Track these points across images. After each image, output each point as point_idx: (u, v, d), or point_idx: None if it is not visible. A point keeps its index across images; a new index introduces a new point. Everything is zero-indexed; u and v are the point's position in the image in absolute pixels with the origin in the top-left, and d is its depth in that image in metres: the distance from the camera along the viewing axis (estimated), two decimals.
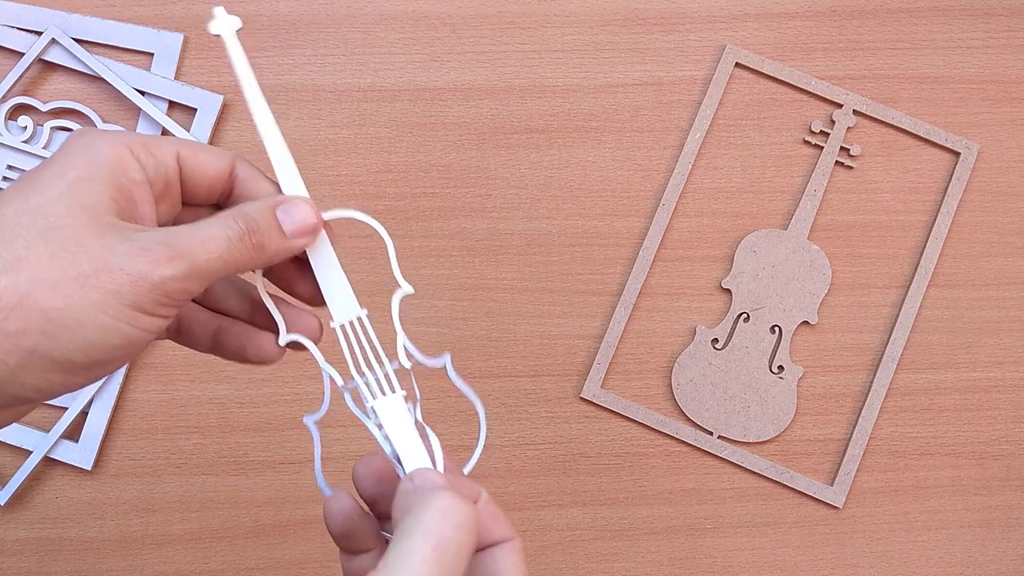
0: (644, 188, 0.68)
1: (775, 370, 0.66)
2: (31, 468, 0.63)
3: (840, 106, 0.68)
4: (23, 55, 0.65)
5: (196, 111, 0.66)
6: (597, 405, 0.66)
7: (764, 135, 0.69)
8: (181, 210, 0.38)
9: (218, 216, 0.35)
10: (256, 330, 0.40)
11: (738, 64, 0.69)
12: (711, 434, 0.66)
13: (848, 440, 0.66)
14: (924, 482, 0.66)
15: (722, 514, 0.66)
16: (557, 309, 0.67)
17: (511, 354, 0.66)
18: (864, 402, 0.66)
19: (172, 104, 0.67)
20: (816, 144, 0.68)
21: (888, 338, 0.67)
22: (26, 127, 0.65)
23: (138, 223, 0.35)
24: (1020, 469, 0.67)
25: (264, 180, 0.39)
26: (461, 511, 0.32)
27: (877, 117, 0.69)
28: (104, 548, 0.64)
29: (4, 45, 0.66)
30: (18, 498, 0.64)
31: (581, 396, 0.66)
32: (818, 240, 0.68)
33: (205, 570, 0.64)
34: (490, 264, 0.67)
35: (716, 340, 0.66)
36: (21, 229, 0.32)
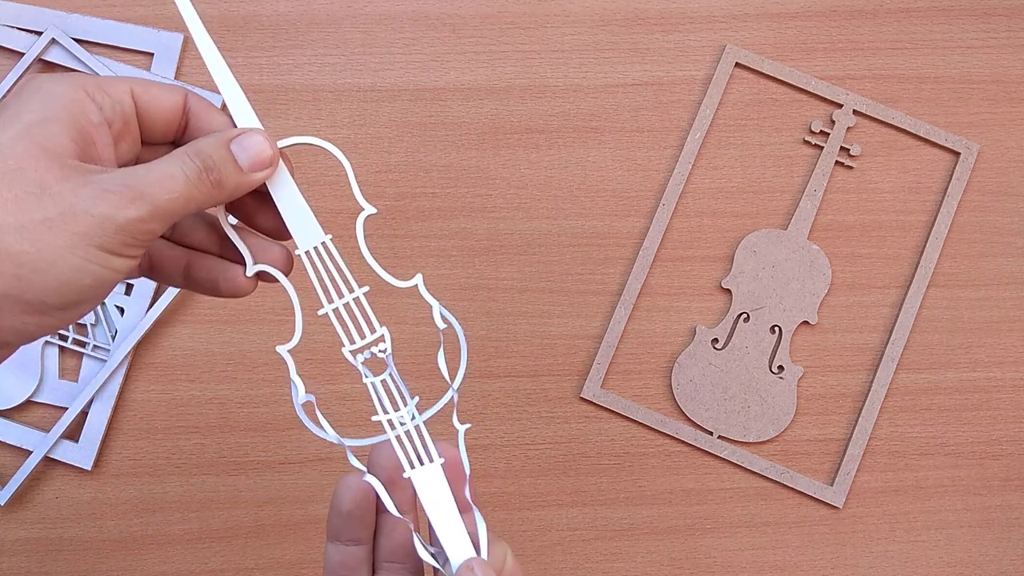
0: (644, 188, 0.68)
1: (775, 370, 0.66)
2: (31, 468, 0.63)
3: (840, 106, 0.68)
4: (23, 55, 0.65)
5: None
6: (597, 405, 0.66)
7: (764, 135, 0.69)
8: (141, 149, 0.38)
9: (174, 154, 0.35)
10: (227, 263, 0.40)
11: (738, 64, 0.69)
12: (711, 434, 0.66)
13: (848, 440, 0.66)
14: (924, 482, 0.66)
15: (722, 514, 0.66)
16: (557, 309, 0.67)
17: (511, 354, 0.66)
18: (864, 402, 0.66)
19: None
20: (816, 144, 0.68)
21: (888, 338, 0.67)
22: None
23: (98, 164, 0.35)
24: (1020, 469, 0.67)
25: (216, 112, 0.39)
26: None
27: (877, 117, 0.69)
28: (104, 548, 0.64)
29: (4, 45, 0.66)
30: (18, 498, 0.64)
31: (581, 396, 0.66)
32: (818, 240, 0.68)
33: (205, 570, 0.64)
34: (490, 264, 0.67)
35: (716, 340, 0.66)
36: None
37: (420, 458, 0.38)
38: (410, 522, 0.38)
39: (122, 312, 0.65)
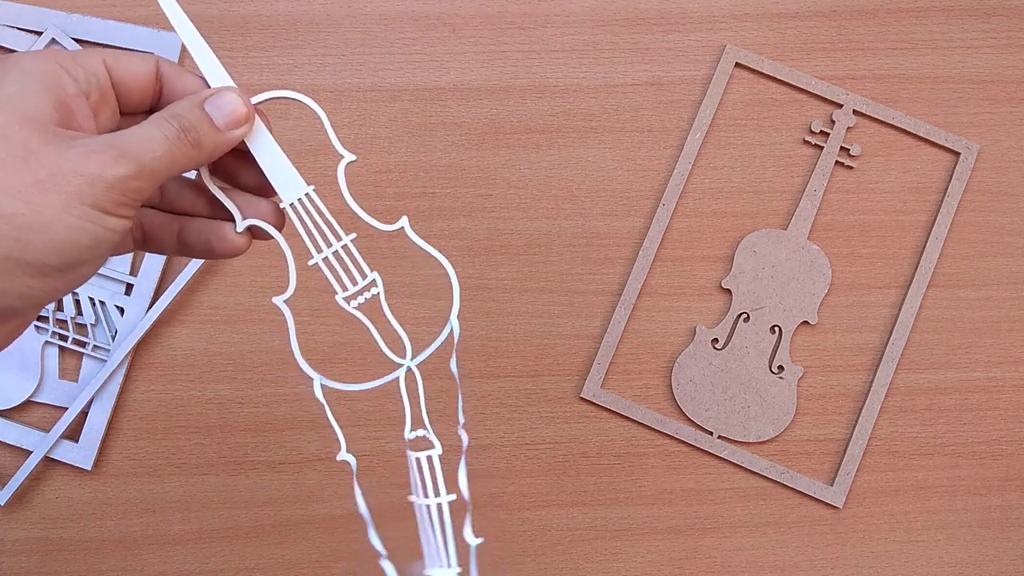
0: (644, 188, 0.68)
1: (775, 370, 0.66)
2: (31, 468, 0.63)
3: (840, 106, 0.68)
4: None
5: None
6: (597, 405, 0.66)
7: (764, 135, 0.69)
8: (120, 120, 0.38)
9: (151, 118, 0.36)
10: (217, 223, 0.41)
11: (738, 64, 0.69)
12: (711, 434, 0.66)
13: (848, 440, 0.66)
14: (924, 482, 0.66)
15: (722, 514, 0.66)
16: (557, 309, 0.67)
17: (511, 354, 0.66)
18: (864, 402, 0.66)
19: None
20: (816, 144, 0.68)
21: (888, 338, 0.67)
22: None
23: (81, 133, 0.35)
24: (1020, 469, 0.67)
25: (188, 75, 0.39)
26: None
27: (877, 117, 0.69)
28: (104, 548, 0.64)
29: (4, 45, 0.66)
30: (18, 498, 0.64)
31: (581, 396, 0.66)
32: (818, 240, 0.68)
33: (205, 570, 0.64)
34: (490, 264, 0.67)
35: (716, 340, 0.66)
36: None
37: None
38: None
39: (122, 312, 0.65)
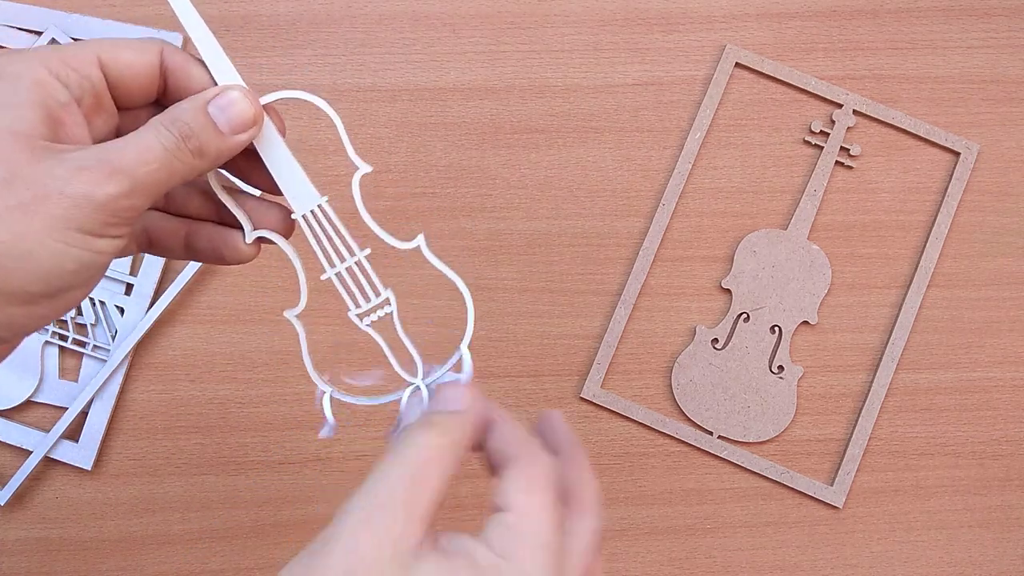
0: (644, 188, 0.68)
1: (775, 370, 0.66)
2: (31, 468, 0.63)
3: (840, 106, 0.68)
4: None
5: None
6: (597, 405, 0.66)
7: (764, 135, 0.69)
8: (120, 118, 0.36)
9: (149, 124, 0.33)
10: (228, 230, 0.38)
11: (738, 64, 0.69)
12: (711, 434, 0.66)
13: (848, 440, 0.66)
14: (924, 482, 0.66)
15: (722, 514, 0.66)
16: (557, 309, 0.67)
17: (511, 354, 0.66)
18: (864, 402, 0.66)
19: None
20: (816, 144, 0.68)
21: (888, 338, 0.67)
22: None
23: (71, 145, 0.33)
24: (1020, 469, 0.67)
25: (196, 66, 0.36)
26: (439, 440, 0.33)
27: (877, 117, 0.69)
28: (104, 548, 0.64)
29: (4, 45, 0.66)
30: (18, 498, 0.64)
31: (581, 396, 0.66)
32: (818, 240, 0.68)
33: (205, 570, 0.64)
34: (490, 264, 0.67)
35: (716, 340, 0.66)
36: None
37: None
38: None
39: (122, 312, 0.65)
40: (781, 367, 0.66)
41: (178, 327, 0.66)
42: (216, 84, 0.36)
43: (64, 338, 0.65)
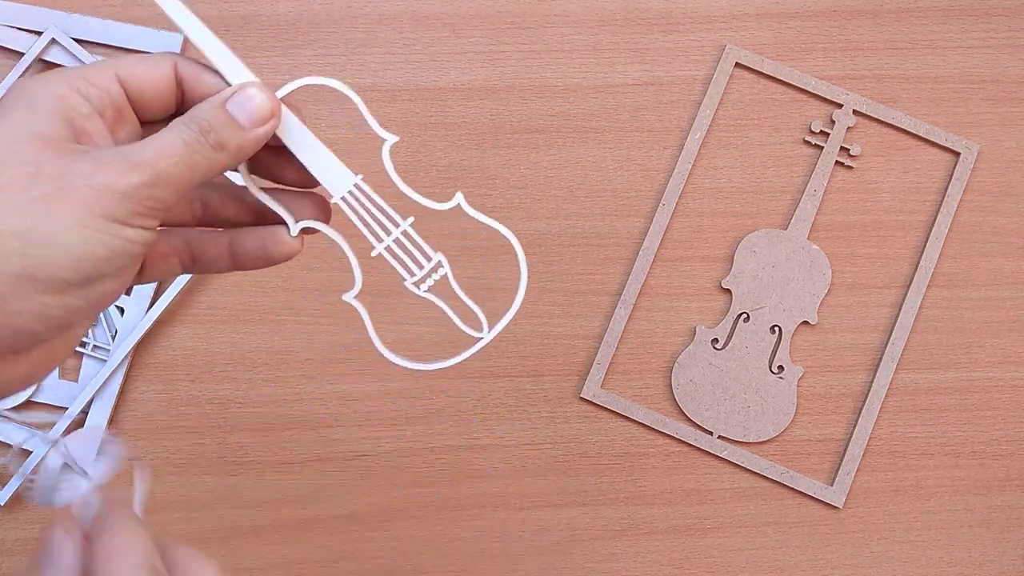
0: (644, 188, 0.68)
1: (775, 370, 0.66)
2: (31, 468, 0.63)
3: (840, 106, 0.68)
4: (23, 55, 0.65)
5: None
6: (597, 405, 0.66)
7: (764, 135, 0.69)
8: (142, 131, 0.37)
9: (170, 124, 0.35)
10: (270, 228, 0.39)
11: (738, 64, 0.69)
12: (711, 434, 0.66)
13: (848, 440, 0.66)
14: (924, 482, 0.66)
15: (722, 514, 0.66)
16: (557, 309, 0.67)
17: (511, 354, 0.66)
18: (864, 402, 0.66)
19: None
20: (816, 144, 0.68)
21: (888, 338, 0.67)
22: None
23: None
24: (1020, 469, 0.67)
25: (208, 73, 0.37)
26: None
27: (877, 117, 0.69)
28: None
29: (4, 45, 0.66)
30: (18, 498, 0.64)
31: (581, 396, 0.66)
32: (818, 240, 0.68)
33: None
34: (490, 264, 0.67)
35: (716, 340, 0.66)
36: None
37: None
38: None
39: (122, 312, 0.65)
40: (781, 367, 0.66)
41: (178, 327, 0.66)
42: (230, 86, 0.37)
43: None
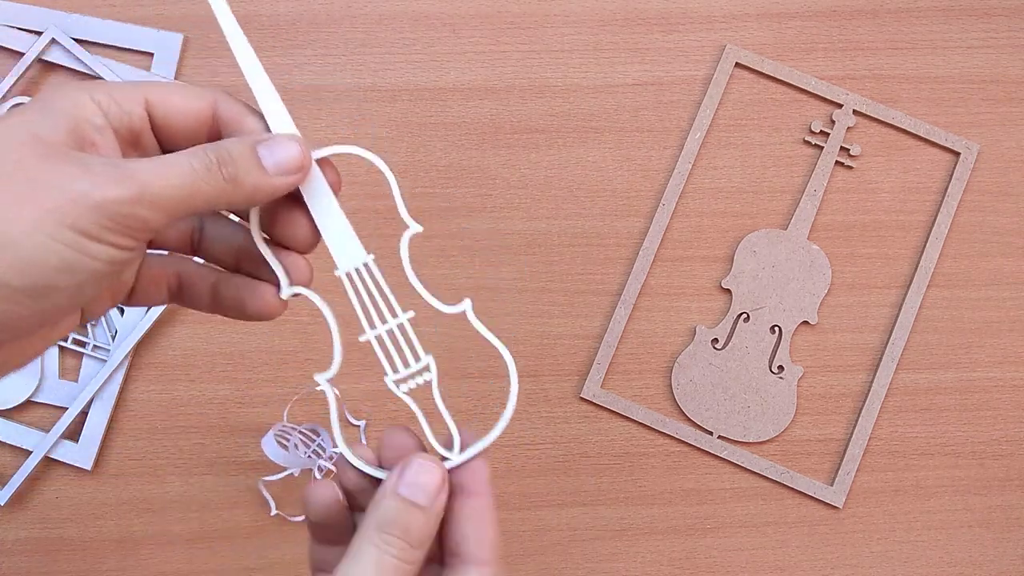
0: (644, 188, 0.68)
1: (775, 370, 0.66)
2: (31, 468, 0.63)
3: (840, 106, 0.68)
4: (23, 55, 0.65)
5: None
6: (597, 405, 0.66)
7: (764, 135, 0.69)
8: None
9: (189, 148, 0.33)
10: (255, 282, 0.37)
11: (738, 64, 0.69)
12: (711, 434, 0.66)
13: (848, 440, 0.66)
14: (924, 482, 0.66)
15: (722, 514, 0.66)
16: (557, 309, 0.67)
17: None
18: (864, 402, 0.66)
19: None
20: (816, 144, 0.68)
21: (888, 338, 0.67)
22: None
23: None
24: (1020, 469, 0.67)
25: (251, 117, 0.36)
26: (410, 516, 0.34)
27: (877, 117, 0.69)
28: (104, 548, 0.64)
29: (4, 45, 0.66)
30: (18, 498, 0.64)
31: (581, 396, 0.66)
32: (818, 240, 0.68)
33: (205, 570, 0.64)
34: (490, 264, 0.67)
35: (716, 340, 0.66)
36: None
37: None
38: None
39: (122, 312, 0.65)
40: (781, 367, 0.66)
41: (178, 327, 0.66)
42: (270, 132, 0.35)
43: (64, 338, 0.65)
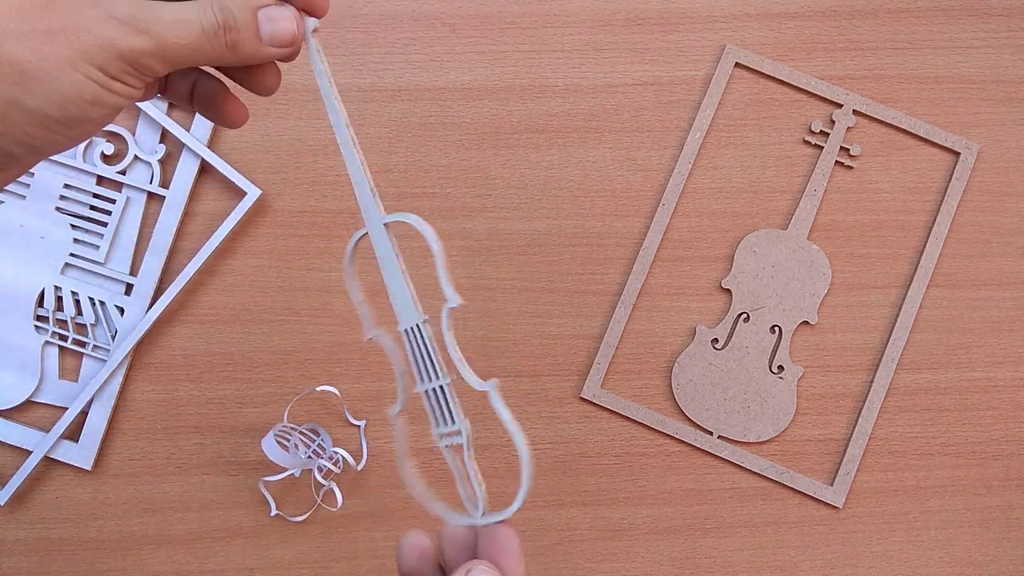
0: (644, 188, 0.68)
1: (775, 370, 0.66)
2: (31, 468, 0.63)
3: (840, 106, 0.68)
4: None
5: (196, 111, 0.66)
6: (597, 405, 0.66)
7: (764, 135, 0.69)
8: None
9: (198, 2, 0.35)
10: (231, 96, 0.41)
11: (738, 64, 0.69)
12: (711, 434, 0.66)
13: (848, 440, 0.66)
14: (924, 482, 0.66)
15: (722, 514, 0.66)
16: (557, 309, 0.67)
17: (511, 354, 0.66)
18: (864, 402, 0.66)
19: (172, 104, 0.67)
20: (816, 144, 0.68)
21: (888, 338, 0.67)
22: None
23: None
24: (1020, 469, 0.67)
25: None
26: None
27: (877, 117, 0.69)
28: (104, 548, 0.64)
29: None
30: (18, 498, 0.64)
31: (581, 396, 0.66)
32: (818, 240, 0.68)
33: (205, 570, 0.64)
34: (490, 264, 0.67)
35: (716, 340, 0.66)
36: None
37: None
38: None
39: (122, 312, 0.65)
40: (781, 367, 0.66)
41: (178, 327, 0.66)
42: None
43: (64, 338, 0.65)
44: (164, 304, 0.64)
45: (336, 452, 0.63)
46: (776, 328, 0.67)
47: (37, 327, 0.65)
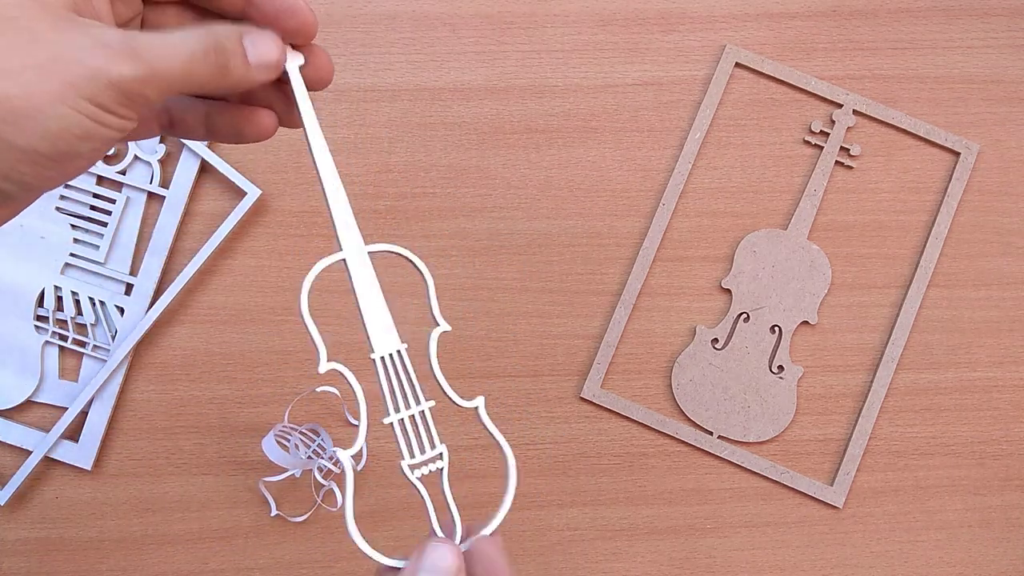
0: (644, 188, 0.68)
1: (775, 370, 0.66)
2: (31, 468, 0.63)
3: (840, 106, 0.68)
4: None
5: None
6: (597, 405, 0.66)
7: (764, 135, 0.69)
8: (145, 9, 0.38)
9: (186, 29, 0.36)
10: (248, 109, 0.40)
11: (738, 64, 0.69)
12: (711, 434, 0.66)
13: (848, 440, 0.66)
14: (924, 482, 0.66)
15: (722, 514, 0.66)
16: (557, 309, 0.67)
17: (511, 354, 0.66)
18: (864, 402, 0.66)
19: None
20: (816, 144, 0.68)
21: (888, 338, 0.67)
22: None
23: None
24: (1020, 469, 0.67)
25: None
26: None
27: (877, 117, 0.69)
28: (104, 548, 0.64)
29: None
30: (18, 498, 0.64)
31: (581, 396, 0.66)
32: (818, 240, 0.68)
33: (205, 570, 0.64)
34: (490, 264, 0.67)
35: (716, 340, 0.66)
36: None
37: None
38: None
39: (122, 312, 0.65)
40: (781, 367, 0.66)
41: (178, 327, 0.66)
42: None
43: (64, 338, 0.65)
44: (164, 304, 0.64)
45: (336, 452, 0.63)
46: (776, 328, 0.67)
47: (37, 327, 0.65)
